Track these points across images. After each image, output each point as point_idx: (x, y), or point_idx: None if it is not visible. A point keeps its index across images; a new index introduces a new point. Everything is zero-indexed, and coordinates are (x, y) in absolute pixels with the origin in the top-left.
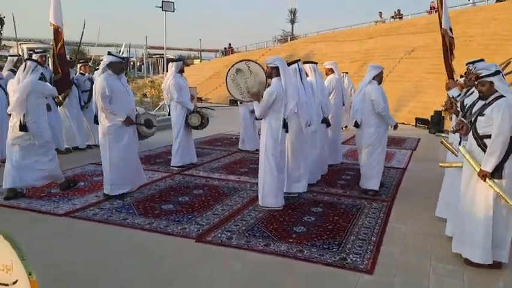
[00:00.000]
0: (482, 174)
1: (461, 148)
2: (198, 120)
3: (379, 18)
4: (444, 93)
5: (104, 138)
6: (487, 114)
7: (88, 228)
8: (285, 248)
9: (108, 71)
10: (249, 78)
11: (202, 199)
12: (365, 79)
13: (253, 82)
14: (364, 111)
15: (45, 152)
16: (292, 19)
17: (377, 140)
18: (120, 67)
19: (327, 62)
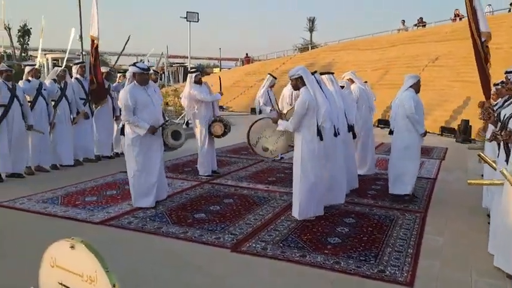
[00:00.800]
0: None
1: (504, 171)
2: (221, 129)
3: (402, 26)
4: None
5: (129, 149)
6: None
7: (123, 236)
8: (321, 259)
9: (134, 82)
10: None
11: (233, 208)
12: (403, 88)
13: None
14: (398, 117)
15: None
16: (311, 28)
17: (410, 145)
18: (143, 78)
19: (345, 73)
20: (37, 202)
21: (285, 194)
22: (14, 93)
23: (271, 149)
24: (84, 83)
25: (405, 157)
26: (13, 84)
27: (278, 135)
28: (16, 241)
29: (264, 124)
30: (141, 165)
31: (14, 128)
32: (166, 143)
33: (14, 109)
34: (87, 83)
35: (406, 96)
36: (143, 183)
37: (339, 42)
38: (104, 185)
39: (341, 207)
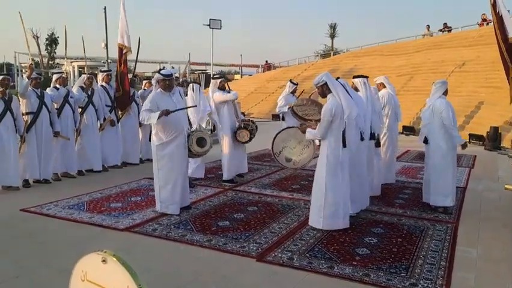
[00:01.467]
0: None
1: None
2: (247, 136)
3: (426, 31)
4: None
5: (154, 156)
6: None
7: (148, 243)
8: (349, 271)
9: (159, 88)
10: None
11: (257, 216)
12: (435, 95)
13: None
14: (434, 126)
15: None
16: (332, 34)
17: (447, 155)
18: (166, 84)
19: (378, 77)
20: (63, 208)
21: (309, 202)
22: (43, 100)
23: (295, 159)
24: (110, 90)
25: (443, 167)
26: (41, 92)
27: (303, 146)
28: (44, 248)
29: (290, 134)
30: (167, 172)
31: (42, 135)
32: (191, 150)
33: (42, 116)
34: (113, 91)
35: (442, 105)
36: (169, 190)
37: (362, 48)
38: (128, 191)
39: (368, 217)
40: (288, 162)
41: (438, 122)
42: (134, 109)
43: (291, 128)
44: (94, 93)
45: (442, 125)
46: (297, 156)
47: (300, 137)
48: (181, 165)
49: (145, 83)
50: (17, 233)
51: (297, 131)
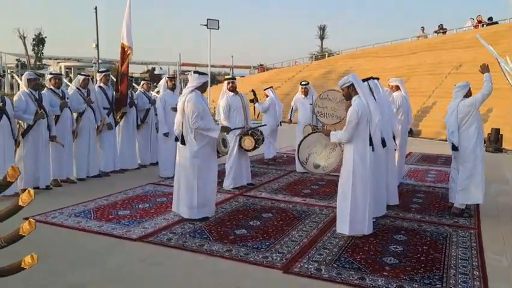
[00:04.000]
0: None
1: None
2: (251, 143)
3: (421, 33)
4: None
5: (192, 161)
6: None
7: (165, 254)
8: (382, 282)
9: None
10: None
11: (274, 223)
12: (456, 99)
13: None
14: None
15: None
16: (321, 35)
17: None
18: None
19: (393, 79)
20: (69, 216)
21: (325, 208)
22: (41, 103)
23: (323, 165)
24: (108, 91)
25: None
26: (39, 95)
27: (329, 150)
28: (55, 261)
29: (314, 139)
30: (203, 177)
31: (39, 140)
32: (218, 151)
33: (40, 121)
34: (111, 92)
35: (464, 107)
36: (203, 195)
37: (357, 50)
38: (134, 198)
39: (387, 223)
40: (316, 168)
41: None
42: (132, 112)
43: (314, 132)
44: (91, 94)
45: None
46: (325, 161)
47: (325, 141)
48: (215, 168)
49: (142, 84)
50: (22, 245)
51: (321, 135)
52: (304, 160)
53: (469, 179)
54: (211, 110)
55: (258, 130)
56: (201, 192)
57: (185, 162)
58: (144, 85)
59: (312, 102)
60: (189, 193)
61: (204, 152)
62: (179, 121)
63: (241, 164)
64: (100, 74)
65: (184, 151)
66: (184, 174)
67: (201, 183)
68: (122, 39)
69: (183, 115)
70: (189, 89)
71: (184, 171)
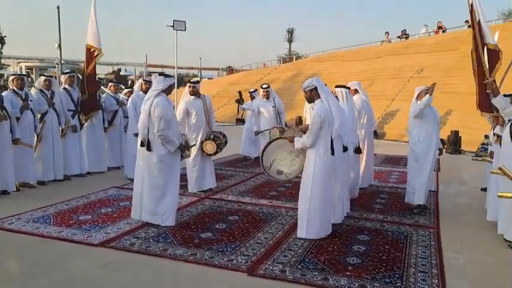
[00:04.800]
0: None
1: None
2: (212, 148)
3: (386, 38)
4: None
5: (159, 165)
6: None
7: (128, 259)
8: (345, 282)
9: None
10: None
11: (240, 226)
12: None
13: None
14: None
15: None
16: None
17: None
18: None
19: (351, 83)
20: (27, 222)
21: (291, 210)
22: (2, 105)
23: (286, 171)
24: (73, 93)
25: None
26: (0, 96)
27: (293, 156)
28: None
29: (278, 145)
30: (170, 182)
31: (2, 142)
32: (182, 154)
33: (2, 122)
34: (76, 94)
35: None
36: (171, 199)
37: (324, 53)
38: (97, 202)
39: (351, 224)
40: (279, 174)
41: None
42: (98, 114)
43: (278, 139)
44: (55, 96)
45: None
46: (288, 168)
47: (289, 147)
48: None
49: (110, 86)
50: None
51: (285, 142)
52: (268, 166)
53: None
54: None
55: (221, 133)
56: (165, 198)
57: (151, 167)
58: (111, 87)
59: (275, 105)
60: (157, 199)
61: (170, 157)
62: (145, 125)
63: (204, 168)
64: (64, 76)
65: (150, 156)
66: (150, 180)
67: (168, 188)
68: (87, 39)
69: (149, 119)
70: (155, 92)
71: (149, 177)
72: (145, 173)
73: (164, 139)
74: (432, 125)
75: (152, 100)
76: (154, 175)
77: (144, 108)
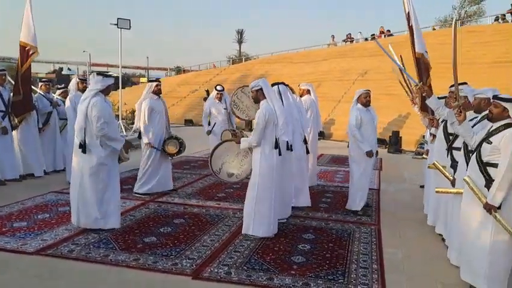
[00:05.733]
0: (489, 208)
1: (467, 178)
2: (175, 147)
3: (332, 41)
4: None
5: (98, 168)
6: (495, 143)
7: (66, 267)
8: (289, 281)
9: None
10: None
11: (185, 229)
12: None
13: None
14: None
15: None
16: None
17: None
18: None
19: (304, 83)
20: None
21: (238, 211)
22: None
23: (237, 173)
24: (3, 93)
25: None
26: None
27: (241, 157)
28: None
29: (225, 148)
30: (110, 184)
31: None
32: (120, 156)
33: None
34: (7, 93)
35: (351, 114)
36: (112, 203)
37: (273, 55)
38: (33, 208)
39: (297, 223)
40: (230, 177)
41: None
42: (33, 115)
43: (224, 142)
44: None
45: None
46: (238, 169)
47: (236, 148)
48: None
49: (41, 86)
50: None
51: (232, 144)
52: (217, 170)
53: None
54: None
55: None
56: (106, 201)
57: (89, 171)
58: (43, 87)
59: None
60: (97, 203)
61: (110, 159)
62: (82, 127)
63: (159, 170)
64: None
65: (88, 159)
66: (88, 183)
67: (109, 191)
68: (21, 36)
69: (86, 120)
70: (92, 92)
71: (87, 181)
72: (84, 176)
73: (107, 138)
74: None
75: (90, 100)
76: (94, 178)
77: (81, 108)
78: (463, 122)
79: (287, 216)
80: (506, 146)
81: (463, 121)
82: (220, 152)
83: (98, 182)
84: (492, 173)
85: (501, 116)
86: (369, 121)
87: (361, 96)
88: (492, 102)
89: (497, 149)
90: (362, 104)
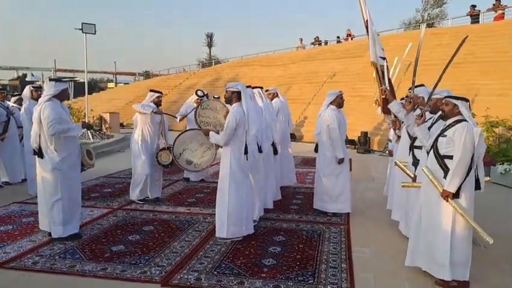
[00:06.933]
0: (446, 195)
1: (425, 168)
2: (168, 158)
3: (300, 44)
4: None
5: (53, 173)
6: (449, 136)
7: (30, 280)
8: (260, 284)
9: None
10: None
11: (155, 236)
12: (323, 106)
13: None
14: (321, 136)
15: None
16: (209, 43)
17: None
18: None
19: (270, 88)
20: None
21: (209, 216)
22: None
23: (196, 162)
24: None
25: (339, 177)
26: None
27: (205, 148)
28: None
29: (191, 136)
30: (67, 190)
31: None
32: (83, 163)
33: None
34: None
35: (329, 116)
36: (68, 209)
37: (243, 58)
38: None
39: (268, 225)
40: (189, 164)
41: (326, 131)
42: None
43: (192, 130)
44: None
45: (329, 135)
46: (198, 159)
47: (202, 139)
48: (78, 178)
49: None
50: None
51: (199, 133)
52: (177, 155)
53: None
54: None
55: None
56: (65, 208)
57: (45, 175)
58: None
59: None
60: (53, 209)
61: (67, 164)
62: (37, 133)
63: (153, 176)
64: None
65: (44, 164)
66: (46, 189)
67: (65, 197)
68: None
69: (40, 126)
70: (45, 97)
71: (45, 186)
72: (42, 182)
73: (62, 132)
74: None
75: (42, 105)
76: (50, 185)
77: (34, 116)
78: (421, 125)
79: (260, 215)
80: (459, 136)
81: (421, 124)
82: (185, 138)
83: (53, 188)
84: (449, 165)
85: (452, 113)
86: (343, 123)
87: (337, 98)
88: (444, 101)
89: (452, 141)
90: (337, 105)
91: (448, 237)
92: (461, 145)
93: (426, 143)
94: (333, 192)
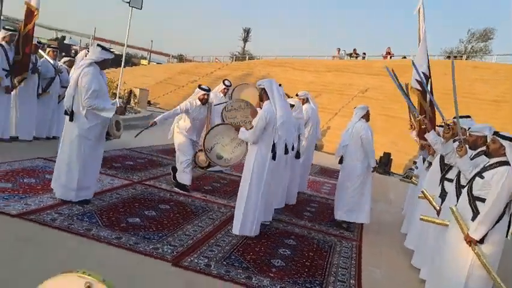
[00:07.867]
0: (469, 240)
1: (454, 208)
2: (205, 161)
3: (337, 53)
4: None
5: (79, 140)
6: (486, 178)
7: (46, 234)
8: (267, 283)
9: (95, 65)
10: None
11: (170, 216)
12: (355, 119)
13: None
14: (350, 148)
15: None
16: (245, 38)
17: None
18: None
19: (301, 92)
20: None
21: (223, 207)
22: None
23: (226, 157)
24: (9, 52)
25: (365, 187)
26: None
27: (235, 144)
28: None
29: (223, 130)
30: (88, 158)
31: None
32: (110, 133)
33: None
34: (12, 53)
35: (362, 128)
36: (84, 176)
37: (277, 58)
38: (20, 171)
39: (280, 227)
40: (219, 159)
41: (356, 144)
42: (34, 78)
43: (224, 124)
44: None
45: (359, 147)
46: (228, 154)
47: (233, 134)
48: (101, 149)
49: (48, 51)
50: None
51: (230, 128)
52: (208, 148)
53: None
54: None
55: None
56: (81, 175)
57: (71, 140)
58: (50, 52)
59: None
60: (69, 174)
61: (94, 133)
62: (71, 95)
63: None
64: (4, 32)
65: (71, 128)
66: (68, 152)
67: (84, 165)
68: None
69: (76, 89)
70: (88, 61)
71: (68, 150)
72: (66, 145)
73: (95, 109)
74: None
75: (82, 69)
76: (73, 150)
77: (73, 76)
78: (463, 157)
79: (270, 219)
80: (497, 182)
81: (463, 155)
82: (217, 132)
83: (75, 153)
84: (480, 208)
85: (497, 153)
86: (372, 136)
87: (368, 112)
88: (491, 138)
89: (488, 185)
90: (366, 119)
91: (461, 283)
92: (497, 191)
93: (469, 176)
94: (356, 201)
